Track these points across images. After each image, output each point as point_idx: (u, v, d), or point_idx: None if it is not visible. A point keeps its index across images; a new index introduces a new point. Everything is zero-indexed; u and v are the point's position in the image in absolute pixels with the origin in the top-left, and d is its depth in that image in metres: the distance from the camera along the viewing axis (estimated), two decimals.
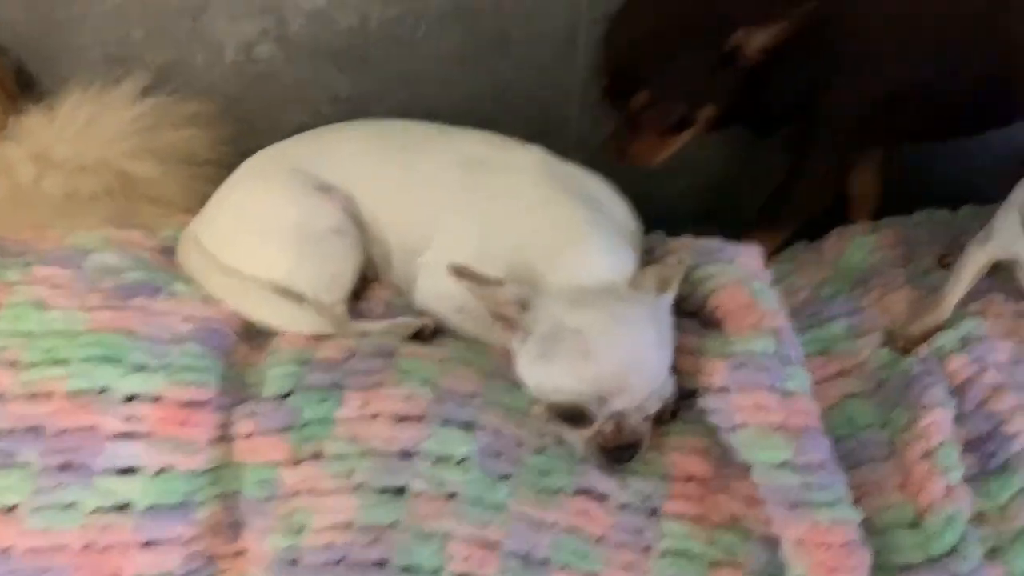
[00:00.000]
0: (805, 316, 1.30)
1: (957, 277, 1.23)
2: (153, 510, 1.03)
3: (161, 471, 1.05)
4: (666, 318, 1.11)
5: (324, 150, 1.32)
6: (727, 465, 1.08)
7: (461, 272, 1.09)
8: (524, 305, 1.08)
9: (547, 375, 1.07)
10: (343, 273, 1.25)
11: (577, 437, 1.07)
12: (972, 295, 1.26)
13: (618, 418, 1.05)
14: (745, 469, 1.04)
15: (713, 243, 1.25)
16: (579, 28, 1.48)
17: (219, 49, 1.47)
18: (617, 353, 1.05)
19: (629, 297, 1.10)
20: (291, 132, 1.38)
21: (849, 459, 1.08)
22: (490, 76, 1.52)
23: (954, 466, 1.04)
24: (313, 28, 1.46)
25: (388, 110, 1.49)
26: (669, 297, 1.12)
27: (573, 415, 1.06)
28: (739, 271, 1.19)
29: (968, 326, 1.21)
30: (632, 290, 1.11)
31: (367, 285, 1.30)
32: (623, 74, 1.32)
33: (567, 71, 1.52)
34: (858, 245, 1.43)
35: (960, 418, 1.10)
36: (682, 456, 1.09)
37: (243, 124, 1.43)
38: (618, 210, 1.27)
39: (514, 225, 1.19)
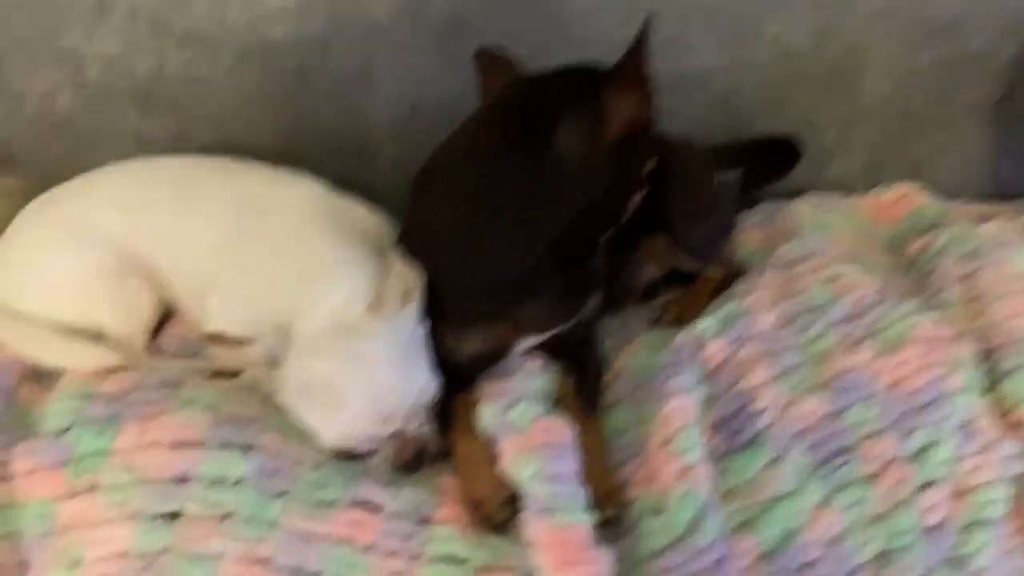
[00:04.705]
0: None
1: None
2: None
3: None
4: (415, 328, 1.13)
5: (98, 193, 1.32)
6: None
7: (212, 339, 1.12)
8: (274, 362, 1.10)
9: (309, 428, 1.10)
10: (138, 308, 1.27)
11: (365, 466, 1.11)
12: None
13: (397, 436, 1.10)
14: None
15: None
16: (374, 58, 1.53)
17: (18, 100, 1.49)
18: (368, 393, 1.07)
19: (368, 328, 1.10)
20: None
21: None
22: (293, 111, 1.55)
23: (691, 447, 1.08)
24: (110, 75, 1.48)
25: (199, 149, 1.50)
26: (414, 307, 1.13)
27: (351, 456, 1.10)
28: None
29: (728, 308, 1.24)
30: (372, 317, 1.10)
31: (165, 319, 1.33)
32: None
33: (368, 100, 1.55)
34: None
35: (711, 400, 1.16)
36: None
37: (45, 174, 1.43)
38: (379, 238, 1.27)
39: (275, 269, 1.19)
